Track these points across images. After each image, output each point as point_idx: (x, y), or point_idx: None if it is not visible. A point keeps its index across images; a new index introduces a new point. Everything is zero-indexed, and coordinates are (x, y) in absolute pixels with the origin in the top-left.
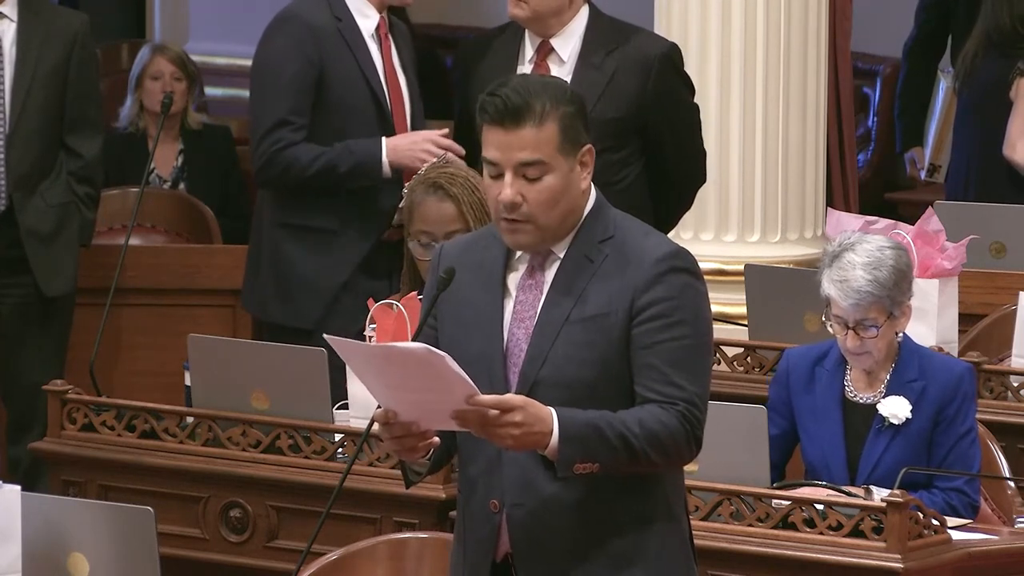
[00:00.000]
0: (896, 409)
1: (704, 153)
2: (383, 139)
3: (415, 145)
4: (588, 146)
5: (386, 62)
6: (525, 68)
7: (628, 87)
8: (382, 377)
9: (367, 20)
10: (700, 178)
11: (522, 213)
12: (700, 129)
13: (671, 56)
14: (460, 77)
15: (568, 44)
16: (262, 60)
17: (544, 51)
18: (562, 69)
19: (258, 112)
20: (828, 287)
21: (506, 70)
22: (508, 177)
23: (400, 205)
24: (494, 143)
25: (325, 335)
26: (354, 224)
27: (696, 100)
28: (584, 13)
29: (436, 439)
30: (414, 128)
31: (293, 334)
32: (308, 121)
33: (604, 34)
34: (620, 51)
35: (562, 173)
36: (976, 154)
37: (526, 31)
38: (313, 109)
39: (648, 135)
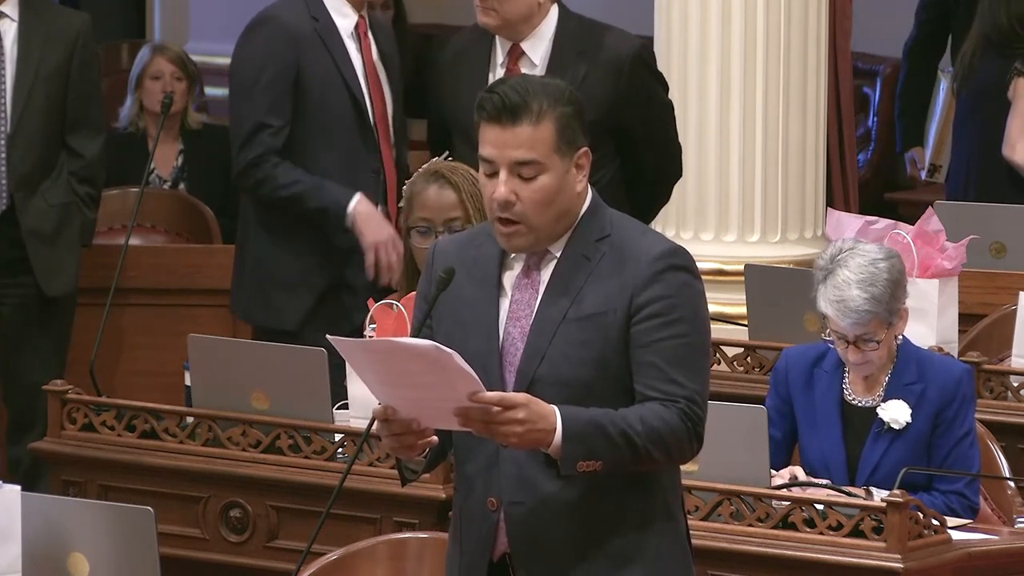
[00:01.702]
0: (896, 414)
1: (679, 148)
2: (357, 195)
3: (382, 231)
4: (585, 148)
5: (366, 61)
6: (497, 73)
7: (601, 89)
8: (383, 375)
9: (345, 20)
10: (677, 172)
11: (515, 212)
12: (675, 125)
13: (642, 55)
14: (430, 79)
15: (539, 47)
16: (238, 64)
17: (515, 55)
18: (533, 72)
19: (236, 117)
20: (824, 306)
21: (477, 75)
22: (503, 175)
23: (400, 204)
24: (490, 141)
25: (328, 335)
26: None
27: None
28: (553, 15)
29: (434, 438)
30: (395, 126)
31: (277, 337)
32: (288, 122)
33: (574, 35)
34: (591, 53)
35: (557, 174)
36: (976, 154)
37: (495, 36)
38: (293, 112)
39: (623, 134)
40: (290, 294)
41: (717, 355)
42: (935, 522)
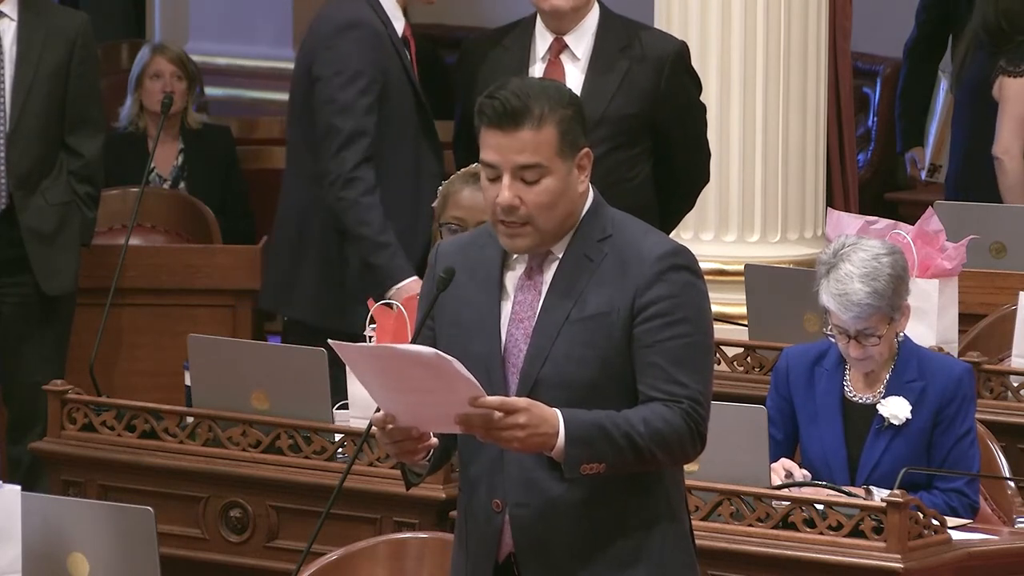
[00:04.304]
0: (896, 410)
1: (709, 153)
2: (413, 277)
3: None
4: (586, 149)
5: (414, 64)
6: (538, 66)
7: (642, 84)
8: (383, 379)
9: (399, 23)
10: (705, 177)
11: (520, 215)
12: (706, 128)
13: (683, 54)
14: (465, 76)
15: (582, 41)
16: (331, 68)
17: (557, 49)
18: (576, 66)
19: (330, 121)
20: (827, 300)
21: (518, 69)
22: (506, 180)
23: (434, 204)
24: (492, 145)
25: (329, 340)
26: (408, 229)
27: (703, 102)
28: (596, 11)
29: (434, 440)
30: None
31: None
32: (377, 129)
33: (616, 32)
34: (633, 49)
35: (560, 176)
36: (966, 152)
37: (535, 29)
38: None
39: (658, 132)
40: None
41: (717, 355)
42: (935, 522)
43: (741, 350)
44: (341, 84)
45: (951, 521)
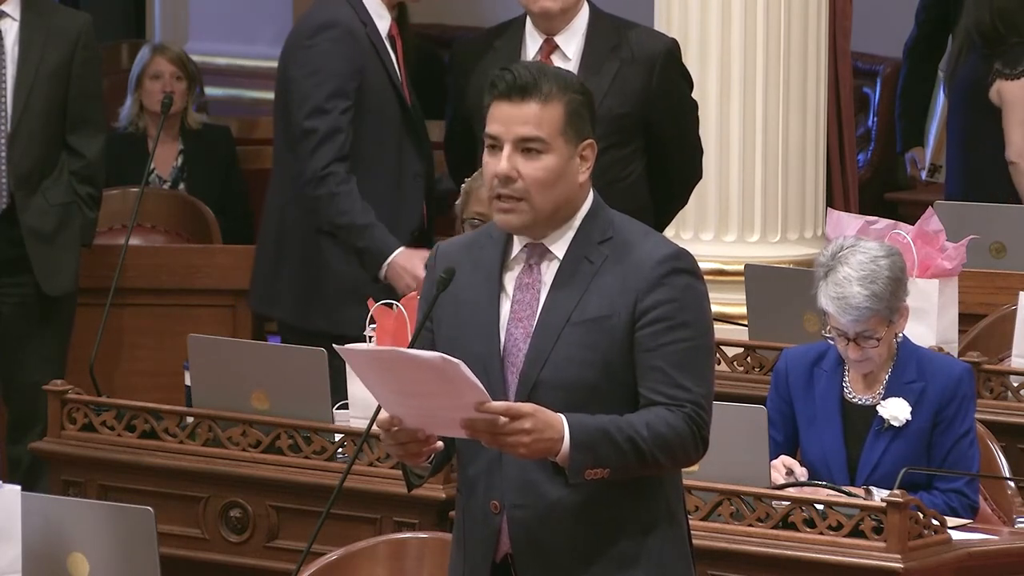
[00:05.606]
0: (896, 411)
1: (701, 149)
2: (399, 249)
3: (415, 270)
4: (590, 141)
5: (399, 64)
6: None
7: (633, 83)
8: (389, 383)
9: (383, 22)
10: (698, 174)
11: (516, 189)
12: (698, 125)
13: (673, 52)
14: (456, 78)
15: (572, 41)
16: (305, 68)
17: (548, 49)
18: (567, 66)
19: (306, 122)
20: (825, 303)
21: None
22: (506, 150)
23: (456, 203)
24: (498, 117)
25: (334, 345)
26: (391, 229)
27: (696, 99)
28: (585, 11)
29: (439, 444)
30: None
31: (331, 340)
32: (350, 129)
33: (606, 31)
34: (623, 48)
35: (561, 157)
36: (961, 153)
37: (525, 30)
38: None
39: (651, 131)
40: (355, 301)
41: (717, 355)
42: (935, 522)
43: (741, 350)
44: (314, 85)
45: (951, 521)
